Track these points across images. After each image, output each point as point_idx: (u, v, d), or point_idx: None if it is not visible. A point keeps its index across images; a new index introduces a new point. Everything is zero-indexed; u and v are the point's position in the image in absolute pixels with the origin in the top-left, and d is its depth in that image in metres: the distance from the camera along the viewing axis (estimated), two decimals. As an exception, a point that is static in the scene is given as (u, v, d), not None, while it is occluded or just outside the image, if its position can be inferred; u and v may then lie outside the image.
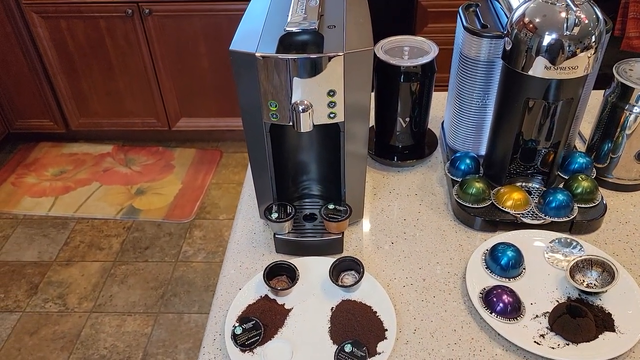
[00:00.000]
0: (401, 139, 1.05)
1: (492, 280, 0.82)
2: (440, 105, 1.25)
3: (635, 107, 0.91)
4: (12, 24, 2.37)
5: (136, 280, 2.16)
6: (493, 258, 0.83)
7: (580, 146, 1.09)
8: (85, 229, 2.39)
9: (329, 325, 0.78)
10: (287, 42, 0.75)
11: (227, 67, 2.49)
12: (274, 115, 0.78)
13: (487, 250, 0.86)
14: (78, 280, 2.17)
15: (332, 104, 0.77)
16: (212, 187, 2.59)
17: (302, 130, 0.78)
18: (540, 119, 0.91)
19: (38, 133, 2.80)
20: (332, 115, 0.78)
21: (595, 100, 1.15)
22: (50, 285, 2.14)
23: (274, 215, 0.87)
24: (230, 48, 0.74)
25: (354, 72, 0.74)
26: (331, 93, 0.76)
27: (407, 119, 1.01)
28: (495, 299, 0.78)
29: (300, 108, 0.76)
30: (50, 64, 2.49)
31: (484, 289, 0.80)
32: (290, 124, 0.78)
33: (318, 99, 0.76)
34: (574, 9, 0.76)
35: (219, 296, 0.83)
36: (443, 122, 1.15)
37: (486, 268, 0.84)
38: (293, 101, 0.76)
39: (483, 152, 1.03)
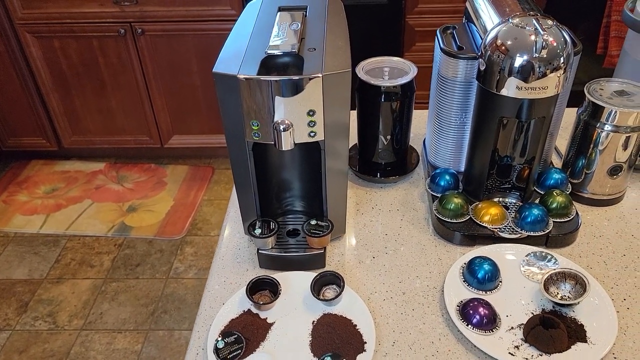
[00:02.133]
0: (383, 156, 1.08)
1: (469, 293, 0.85)
2: (422, 122, 1.28)
3: (606, 125, 0.94)
4: (5, 44, 2.40)
5: (127, 297, 2.16)
6: (470, 271, 0.86)
7: (557, 162, 1.12)
8: (76, 247, 2.40)
9: (310, 339, 0.79)
10: (268, 64, 0.78)
11: (218, 85, 2.52)
12: (256, 134, 0.81)
13: (464, 264, 0.88)
14: (68, 297, 2.17)
15: (312, 123, 0.80)
16: (204, 204, 2.61)
17: (283, 149, 0.81)
18: (514, 136, 0.94)
19: (30, 151, 2.82)
20: (312, 134, 0.81)
21: (571, 117, 1.18)
22: (40, 303, 2.14)
23: (258, 231, 0.89)
24: (213, 70, 0.77)
25: (332, 93, 0.78)
26: (311, 113, 0.79)
27: (389, 137, 1.04)
28: (471, 312, 0.80)
29: (282, 127, 0.78)
30: (43, 83, 2.52)
31: (461, 301, 0.83)
32: (272, 142, 0.81)
33: (299, 118, 0.79)
34: (542, 32, 0.80)
35: (203, 311, 0.85)
36: (425, 139, 1.18)
37: (464, 281, 0.86)
38: (274, 120, 0.79)
39: (463, 168, 1.06)
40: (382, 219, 1.02)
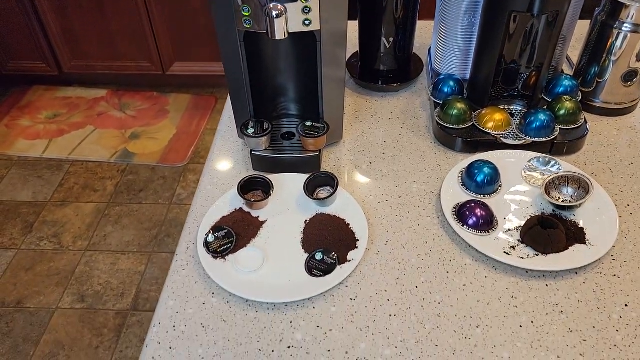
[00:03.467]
0: (385, 61, 1.03)
1: (467, 197, 0.82)
2: (428, 32, 1.22)
3: (625, 24, 0.88)
4: (-1, -41, 2.31)
5: (130, 221, 2.17)
6: (469, 175, 0.83)
7: (568, 71, 1.07)
8: (79, 172, 2.39)
9: (302, 237, 0.78)
10: (260, -56, 0.72)
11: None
12: (248, 21, 0.76)
13: (464, 168, 0.85)
14: (72, 220, 2.18)
15: (306, 10, 0.75)
16: (207, 133, 2.58)
17: (276, 38, 0.76)
18: (523, 39, 0.88)
19: (32, 76, 2.77)
20: (307, 22, 0.76)
21: (585, 28, 1.12)
22: (45, 224, 2.16)
23: (251, 131, 0.86)
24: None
25: (329, -25, 0.72)
26: (306, -2, 0.73)
27: (391, 39, 0.99)
28: (468, 213, 0.77)
29: (274, 13, 0.73)
30: (40, 3, 2.44)
31: (458, 204, 0.80)
32: (265, 31, 0.76)
33: (293, 4, 0.74)
34: None
35: (194, 209, 0.83)
36: (430, 48, 1.12)
37: (462, 185, 0.84)
38: (266, 6, 0.73)
39: (468, 76, 1.01)
40: (381, 126, 0.98)
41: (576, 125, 0.90)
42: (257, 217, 0.81)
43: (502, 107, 0.95)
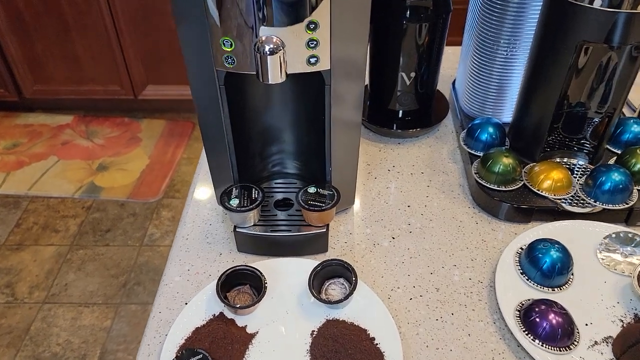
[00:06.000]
0: (403, 101, 0.81)
1: (530, 291, 0.61)
2: (449, 61, 1.01)
3: None
4: (-53, -25, 2.06)
5: (95, 267, 1.92)
6: (531, 260, 0.61)
7: (629, 114, 0.87)
8: (39, 209, 2.14)
9: (309, 358, 0.55)
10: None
11: (197, 27, 2.22)
12: (230, 60, 0.54)
13: (521, 248, 0.64)
14: (29, 266, 1.92)
15: (312, 43, 0.53)
16: (183, 163, 2.34)
17: (270, 82, 0.54)
18: (595, 76, 0.68)
19: (-13, 101, 2.52)
20: (313, 60, 0.54)
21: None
22: (-4, 272, 1.90)
23: (234, 202, 0.63)
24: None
25: (345, -6, 0.51)
26: (312, 26, 0.52)
27: (413, 75, 0.78)
28: (538, 319, 0.56)
29: (267, 48, 0.52)
30: (-5, 22, 2.20)
31: (522, 303, 0.59)
32: (254, 72, 0.54)
33: (293, 35, 0.52)
34: None
35: (157, 314, 0.60)
36: (455, 81, 0.91)
37: (522, 274, 0.62)
38: (257, 38, 0.52)
39: (508, 118, 0.80)
40: (402, 184, 0.77)
41: (659, 186, 0.70)
42: (244, 326, 0.58)
43: (558, 161, 0.74)
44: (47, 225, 2.07)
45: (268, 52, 0.52)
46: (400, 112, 0.84)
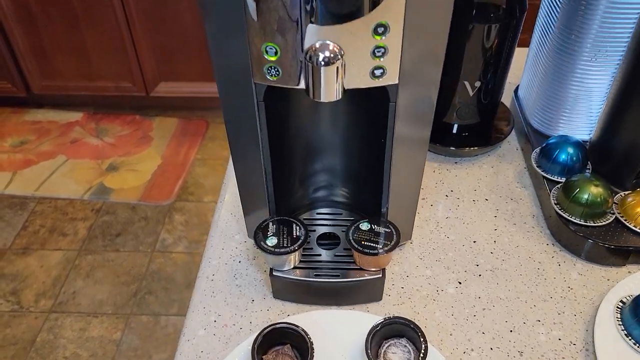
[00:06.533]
0: (464, 114, 0.69)
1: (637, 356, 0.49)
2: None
3: None
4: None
5: (105, 274, 1.82)
6: (638, 318, 0.49)
7: None
8: (46, 211, 2.05)
9: None
10: None
11: (213, 21, 2.12)
12: (273, 71, 0.42)
13: (622, 302, 0.52)
14: (36, 272, 1.84)
15: (380, 51, 0.41)
16: (197, 164, 2.24)
17: (323, 100, 0.42)
18: None
19: (-5, 97, 2.43)
20: (378, 73, 0.43)
21: None
22: (2, 278, 1.81)
23: (272, 241, 0.52)
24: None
25: (425, -10, 0.39)
26: (380, 30, 0.40)
27: (478, 84, 0.66)
28: (656, 401, 0.44)
29: (322, 58, 0.40)
30: (4, 16, 2.11)
31: (631, 377, 0.47)
32: (303, 86, 0.43)
33: (355, 41, 0.40)
34: None
35: (177, 379, 0.49)
36: (517, 88, 0.79)
37: (626, 335, 0.50)
38: (307, 45, 0.40)
39: (585, 135, 0.68)
40: (464, 214, 0.65)
41: None
42: (285, 399, 0.47)
43: (655, 189, 0.62)
44: (55, 228, 1.98)
45: (323, 63, 0.40)
46: (456, 126, 0.72)
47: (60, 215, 2.03)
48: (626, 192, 0.61)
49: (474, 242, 0.61)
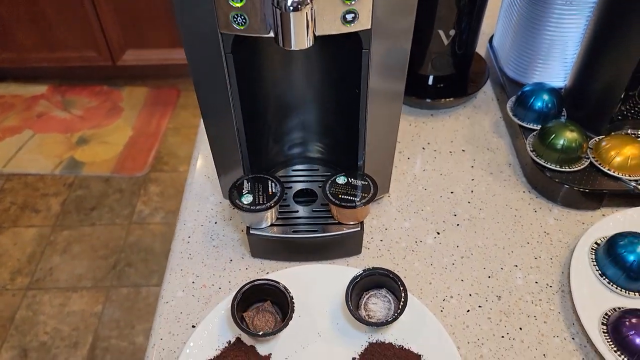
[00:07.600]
0: (439, 65, 0.68)
1: (616, 298, 0.50)
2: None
3: None
4: None
5: (82, 249, 1.79)
6: (613, 258, 0.50)
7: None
8: (16, 188, 1.99)
9: (352, 395, 0.44)
10: None
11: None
12: (239, 19, 0.40)
13: (596, 243, 0.53)
14: (10, 250, 1.79)
15: (351, -6, 0.40)
16: (170, 133, 2.19)
17: (293, 47, 0.41)
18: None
19: (-49, 71, 2.32)
20: (350, 17, 0.41)
21: None
22: (-26, 258, 1.77)
23: (247, 199, 0.51)
24: None
25: None
26: (350, -30, 0.38)
27: (452, 33, 0.64)
28: (630, 334, 0.45)
29: (290, 2, 0.38)
30: (-49, -19, 1.99)
31: (606, 314, 0.48)
32: (271, 34, 0.41)
33: (324, -17, 0.38)
34: None
35: (157, 341, 0.48)
36: (492, 37, 0.78)
37: (601, 275, 0.51)
38: (275, -12, 0.38)
39: (560, 82, 0.68)
40: (440, 166, 0.64)
41: None
42: (267, 355, 0.47)
43: (630, 133, 0.63)
44: (27, 204, 1.93)
45: (291, 8, 0.38)
46: (431, 77, 0.71)
47: (31, 191, 1.98)
48: (600, 137, 0.61)
49: (452, 192, 0.61)
